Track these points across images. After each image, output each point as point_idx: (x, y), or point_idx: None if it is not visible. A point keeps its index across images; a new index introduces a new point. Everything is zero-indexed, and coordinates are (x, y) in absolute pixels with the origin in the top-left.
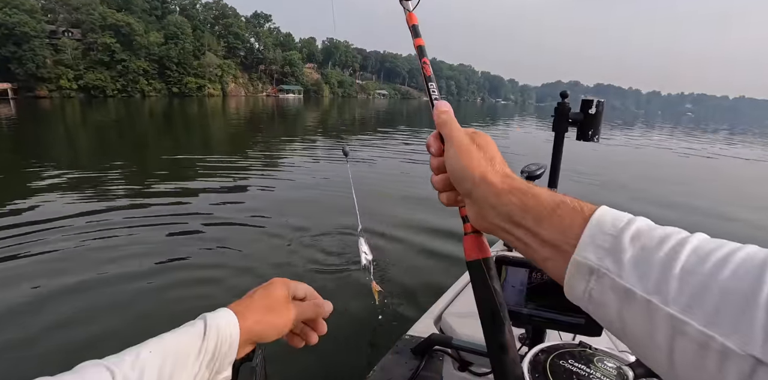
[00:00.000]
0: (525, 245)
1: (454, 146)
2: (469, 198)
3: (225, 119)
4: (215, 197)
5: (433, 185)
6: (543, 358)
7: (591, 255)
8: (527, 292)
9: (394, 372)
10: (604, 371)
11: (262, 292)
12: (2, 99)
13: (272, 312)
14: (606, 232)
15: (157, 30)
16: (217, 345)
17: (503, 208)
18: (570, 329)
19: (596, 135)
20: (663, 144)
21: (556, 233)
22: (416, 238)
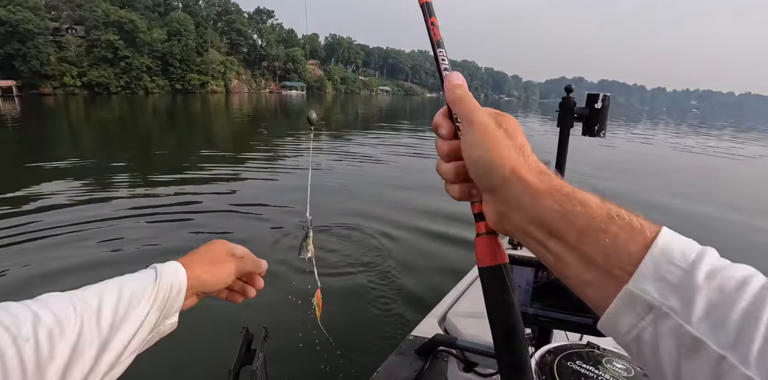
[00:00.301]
0: (558, 261)
1: (475, 130)
2: (492, 195)
3: (228, 116)
4: (217, 190)
5: (440, 173)
6: (550, 359)
7: (652, 289)
8: (533, 292)
9: (399, 374)
10: (613, 372)
11: (205, 248)
12: (7, 96)
13: (216, 264)
14: (675, 263)
15: (160, 27)
16: (167, 290)
17: (537, 212)
18: (578, 329)
19: (602, 130)
20: (667, 142)
21: (607, 254)
22: (420, 235)
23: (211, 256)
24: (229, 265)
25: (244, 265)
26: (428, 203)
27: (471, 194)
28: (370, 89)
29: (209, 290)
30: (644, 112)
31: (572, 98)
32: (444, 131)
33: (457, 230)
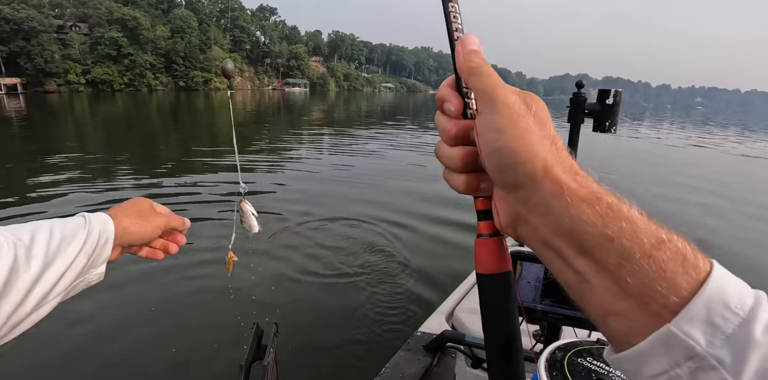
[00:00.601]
0: (582, 283)
1: (501, 112)
2: (511, 193)
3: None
4: (219, 184)
5: (441, 159)
6: (560, 356)
7: (699, 335)
8: (543, 288)
9: (407, 370)
10: None
11: (129, 203)
12: (12, 94)
13: (143, 218)
14: (731, 308)
15: (163, 24)
16: (96, 237)
17: (570, 223)
18: (588, 326)
19: (613, 126)
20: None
21: (649, 285)
22: (427, 230)
23: (137, 210)
24: (157, 219)
25: (172, 221)
26: (435, 198)
27: (479, 187)
28: (373, 86)
29: (136, 242)
30: (649, 109)
31: (583, 93)
32: (453, 107)
33: (466, 225)
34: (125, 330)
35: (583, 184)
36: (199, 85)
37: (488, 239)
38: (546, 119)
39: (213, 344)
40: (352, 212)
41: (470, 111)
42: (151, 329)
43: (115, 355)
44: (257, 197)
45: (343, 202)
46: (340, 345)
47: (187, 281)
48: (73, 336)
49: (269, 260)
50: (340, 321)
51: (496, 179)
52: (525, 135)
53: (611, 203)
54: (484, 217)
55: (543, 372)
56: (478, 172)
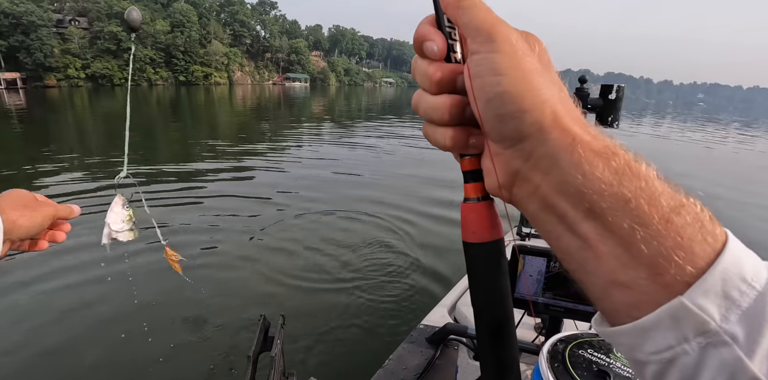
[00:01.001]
0: (586, 250)
1: (501, 50)
2: (511, 148)
3: (232, 108)
4: (223, 178)
5: (420, 111)
6: (562, 348)
7: (713, 309)
8: (545, 281)
9: (410, 362)
10: (623, 361)
11: (9, 195)
12: (11, 89)
13: (31, 209)
14: (747, 281)
15: (163, 18)
16: None
17: (581, 181)
18: (589, 318)
19: (616, 121)
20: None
21: (663, 253)
22: (428, 224)
23: (22, 202)
24: (45, 209)
25: (60, 210)
26: (437, 191)
27: (467, 143)
28: (374, 81)
29: (26, 235)
30: (650, 105)
31: (586, 88)
32: (435, 47)
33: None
34: (127, 322)
35: (597, 137)
36: (199, 79)
37: (477, 204)
38: (550, 63)
39: (220, 336)
40: (353, 205)
41: (454, 55)
42: (155, 322)
43: (121, 348)
44: (255, 186)
45: (344, 195)
46: (345, 337)
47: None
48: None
49: (274, 252)
50: (344, 314)
51: (492, 131)
52: (531, 77)
53: (629, 160)
54: (472, 179)
55: (544, 363)
56: (466, 125)
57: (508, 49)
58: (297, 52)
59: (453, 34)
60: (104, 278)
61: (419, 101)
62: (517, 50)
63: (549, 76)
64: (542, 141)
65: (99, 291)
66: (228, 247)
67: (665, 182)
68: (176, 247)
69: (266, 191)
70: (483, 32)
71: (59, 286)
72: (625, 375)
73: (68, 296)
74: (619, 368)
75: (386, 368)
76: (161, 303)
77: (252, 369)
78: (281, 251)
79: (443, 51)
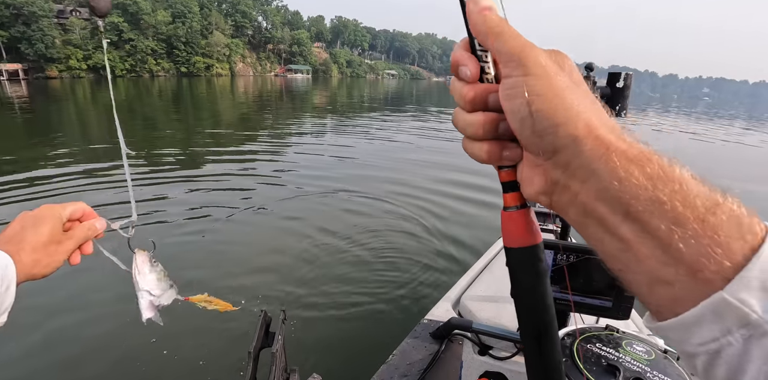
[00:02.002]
0: (627, 251)
1: (533, 73)
2: (550, 159)
3: (234, 99)
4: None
5: (459, 127)
6: (570, 342)
7: (754, 302)
8: (552, 275)
9: (414, 356)
10: (633, 355)
11: (33, 230)
12: (13, 80)
13: (47, 250)
14: None
15: (164, 8)
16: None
17: (617, 187)
18: (597, 312)
19: (623, 110)
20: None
21: (702, 251)
22: (432, 218)
23: (41, 239)
24: (67, 243)
25: (78, 240)
26: (444, 184)
27: (501, 155)
28: (376, 73)
29: (40, 277)
30: (654, 100)
31: (593, 76)
32: (469, 71)
33: (472, 212)
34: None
35: (632, 144)
36: (200, 71)
37: (516, 212)
38: (581, 79)
39: (218, 332)
40: (357, 191)
41: (486, 76)
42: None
43: (117, 338)
44: (256, 171)
45: (349, 181)
46: (348, 332)
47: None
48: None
49: (274, 243)
50: (346, 309)
51: (530, 145)
52: (563, 95)
53: (663, 164)
54: (510, 189)
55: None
56: (500, 139)
57: (539, 71)
58: (299, 44)
59: (485, 56)
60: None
61: (457, 118)
62: (548, 72)
63: (580, 92)
64: (578, 152)
65: (99, 281)
66: (225, 237)
67: (701, 182)
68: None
69: (267, 176)
70: (514, 57)
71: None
72: (635, 369)
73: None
74: (629, 362)
75: (390, 363)
76: None
77: (253, 365)
78: (283, 242)
79: (476, 75)
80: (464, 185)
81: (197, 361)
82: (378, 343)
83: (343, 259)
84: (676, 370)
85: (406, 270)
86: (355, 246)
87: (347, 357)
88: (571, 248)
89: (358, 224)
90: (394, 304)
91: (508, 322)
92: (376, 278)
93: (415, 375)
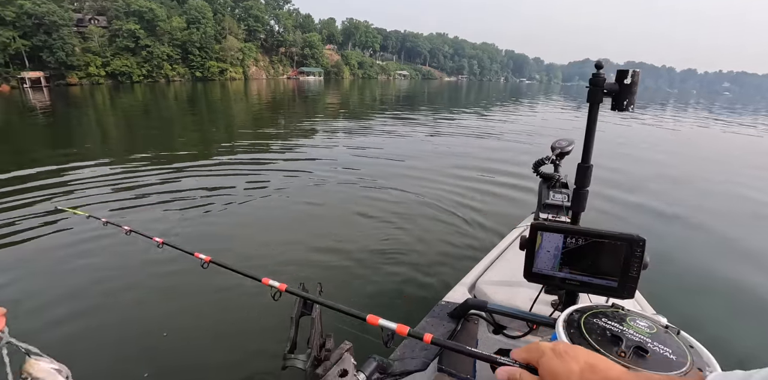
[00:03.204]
0: None
1: None
2: None
3: (248, 102)
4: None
5: None
6: (577, 317)
7: None
8: (562, 257)
9: (433, 334)
10: (636, 328)
11: None
12: (36, 87)
13: None
14: None
15: (179, 15)
16: None
17: None
18: (603, 292)
19: (631, 105)
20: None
21: None
22: (446, 208)
23: None
24: None
25: None
26: (463, 179)
27: None
28: (388, 74)
29: None
30: (673, 95)
31: (602, 74)
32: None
33: (484, 202)
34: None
35: None
36: (215, 75)
37: None
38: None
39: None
40: (380, 189)
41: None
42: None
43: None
44: (287, 166)
45: (372, 172)
46: (371, 309)
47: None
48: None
49: (306, 226)
50: (370, 289)
51: None
52: None
53: None
54: None
55: (561, 329)
56: None
57: None
58: (311, 46)
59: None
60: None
61: None
62: None
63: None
64: None
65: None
66: (262, 218)
67: None
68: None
69: (296, 169)
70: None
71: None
72: (636, 339)
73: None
74: (632, 334)
75: (410, 339)
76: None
77: (295, 329)
78: (315, 224)
79: None
80: (483, 177)
81: (243, 327)
82: (398, 321)
83: (367, 247)
84: (675, 342)
85: (423, 256)
86: (381, 232)
87: (373, 330)
88: (580, 232)
89: (385, 212)
90: (413, 286)
91: (522, 304)
92: (396, 263)
93: (434, 349)
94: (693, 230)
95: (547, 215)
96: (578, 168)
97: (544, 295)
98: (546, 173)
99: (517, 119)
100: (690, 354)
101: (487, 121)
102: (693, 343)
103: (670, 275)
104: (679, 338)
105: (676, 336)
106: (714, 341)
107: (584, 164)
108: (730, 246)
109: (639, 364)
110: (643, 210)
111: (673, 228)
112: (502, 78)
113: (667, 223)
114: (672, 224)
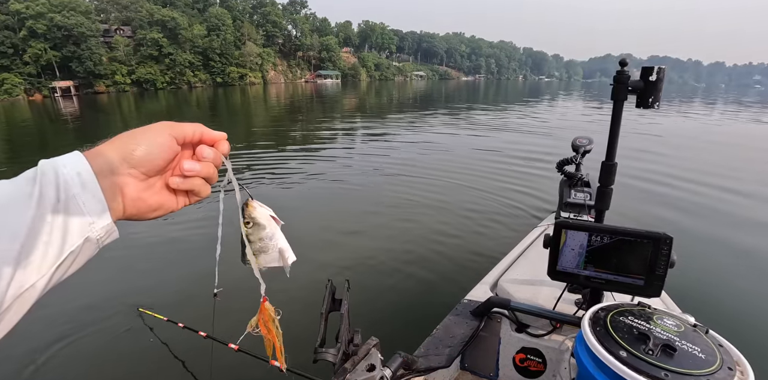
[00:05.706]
0: None
1: None
2: None
3: (267, 105)
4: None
5: None
6: (603, 315)
7: None
8: (586, 255)
9: (456, 331)
10: (663, 327)
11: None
12: (66, 96)
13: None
14: None
15: (199, 23)
16: (60, 187)
17: None
18: (629, 290)
19: (656, 102)
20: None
21: None
22: (467, 210)
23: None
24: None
25: (189, 129)
26: (485, 182)
27: None
28: (405, 75)
29: (139, 163)
30: (700, 89)
31: (626, 71)
32: None
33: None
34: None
35: None
36: (235, 80)
37: None
38: None
39: (294, 297)
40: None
41: None
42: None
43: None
44: (309, 168)
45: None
46: (397, 306)
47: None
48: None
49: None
50: (390, 287)
51: None
52: None
53: None
54: None
55: (587, 327)
56: None
57: None
58: (328, 50)
59: None
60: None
61: None
62: None
63: None
64: None
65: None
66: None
67: None
68: None
69: (323, 169)
70: None
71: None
72: (664, 338)
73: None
74: (659, 332)
75: (434, 336)
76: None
77: (324, 324)
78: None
79: None
80: (506, 173)
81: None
82: (422, 319)
83: (393, 244)
84: (704, 341)
85: (446, 256)
86: (408, 230)
87: (395, 327)
88: (606, 229)
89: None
90: (433, 285)
91: (545, 302)
92: (421, 260)
93: (457, 347)
94: (722, 228)
95: (569, 214)
96: (602, 166)
97: (567, 294)
98: (569, 171)
99: (539, 117)
100: (719, 352)
101: (529, 117)
102: (722, 342)
103: (696, 272)
104: (707, 337)
105: (704, 334)
106: (744, 340)
107: (609, 161)
108: (763, 245)
109: (667, 362)
110: (668, 206)
111: (701, 226)
112: (521, 76)
113: (695, 220)
114: (700, 221)
